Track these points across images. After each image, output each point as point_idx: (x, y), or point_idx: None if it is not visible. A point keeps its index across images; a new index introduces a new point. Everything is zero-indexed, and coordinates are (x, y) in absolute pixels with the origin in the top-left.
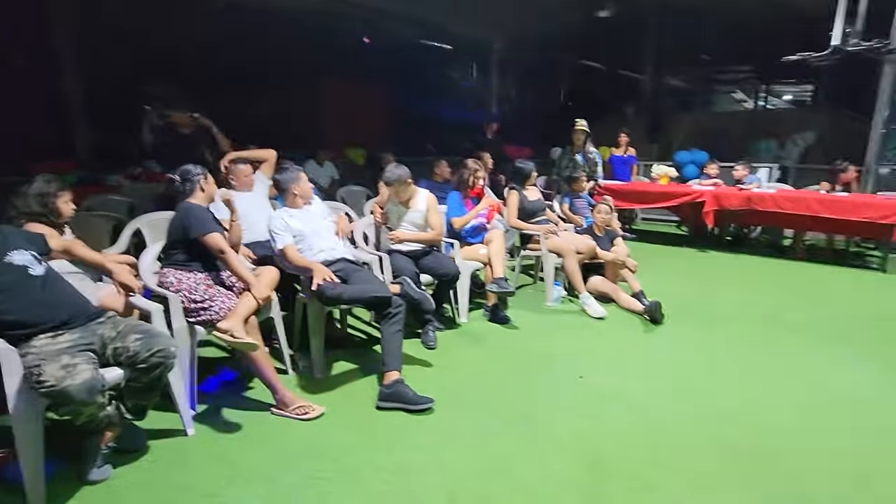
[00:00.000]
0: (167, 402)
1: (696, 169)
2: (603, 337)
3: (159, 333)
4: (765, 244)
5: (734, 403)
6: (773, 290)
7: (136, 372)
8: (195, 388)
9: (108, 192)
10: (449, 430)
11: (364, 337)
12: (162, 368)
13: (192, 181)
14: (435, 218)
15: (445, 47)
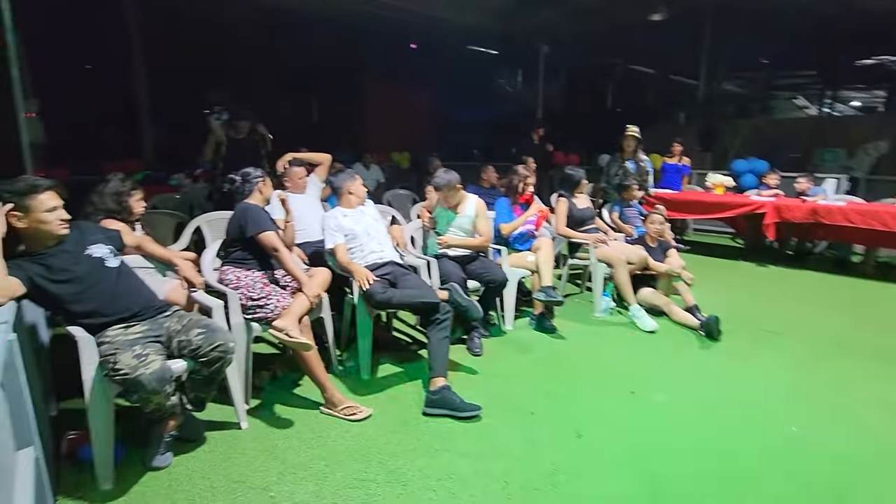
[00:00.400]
0: (223, 396)
1: (754, 179)
2: (655, 351)
3: (220, 328)
4: (831, 260)
5: (799, 430)
6: (841, 310)
7: (198, 364)
8: (249, 384)
9: (172, 191)
10: (497, 440)
11: (409, 340)
12: (221, 362)
13: (251, 183)
14: (483, 224)
15: (492, 52)
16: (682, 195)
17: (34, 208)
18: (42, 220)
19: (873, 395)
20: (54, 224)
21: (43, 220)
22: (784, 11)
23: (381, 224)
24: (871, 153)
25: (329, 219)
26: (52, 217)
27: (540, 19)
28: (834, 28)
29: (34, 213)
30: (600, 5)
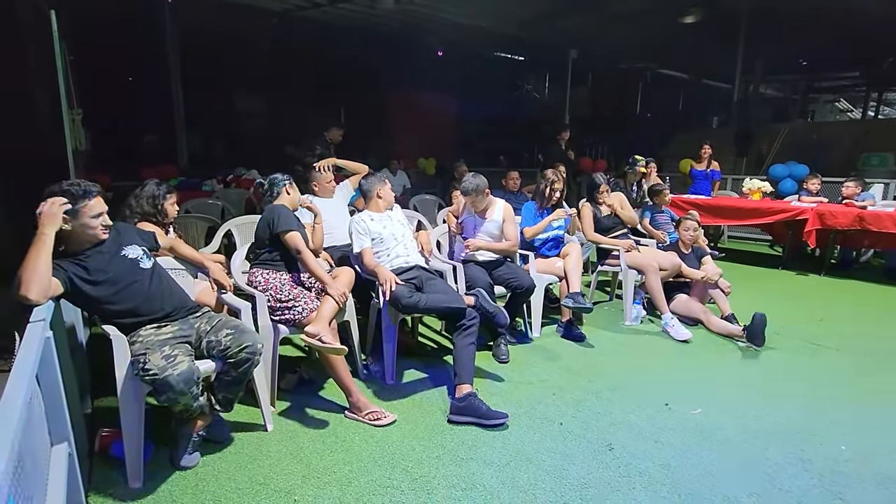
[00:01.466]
0: (250, 398)
1: (793, 184)
2: (689, 362)
3: (248, 330)
4: (879, 269)
5: (848, 449)
6: (889, 321)
7: (227, 365)
8: (275, 386)
9: (205, 196)
10: (524, 450)
11: (434, 346)
12: (249, 363)
13: (278, 185)
14: (511, 229)
15: (518, 58)
16: (716, 201)
17: (83, 213)
18: (88, 224)
19: None
20: (98, 229)
21: (89, 225)
22: (824, 11)
23: (408, 229)
24: None
25: (357, 222)
26: (97, 222)
27: (569, 25)
28: (878, 27)
29: (83, 217)
30: (631, 11)
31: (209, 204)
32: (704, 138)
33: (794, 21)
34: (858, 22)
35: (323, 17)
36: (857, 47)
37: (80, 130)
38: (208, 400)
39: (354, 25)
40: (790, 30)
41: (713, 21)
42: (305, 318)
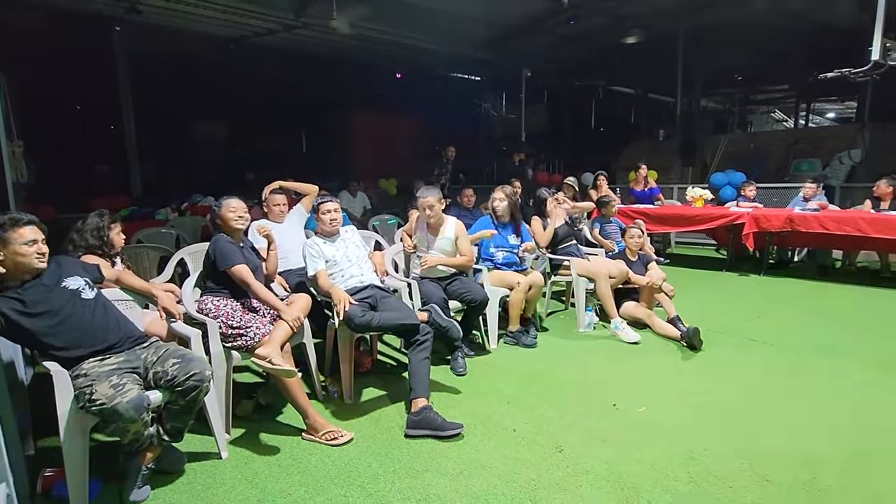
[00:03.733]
0: (203, 426)
1: (733, 191)
2: (637, 363)
3: (196, 357)
4: (811, 267)
5: (776, 434)
6: (821, 316)
7: (174, 394)
8: (230, 414)
9: (158, 225)
10: (478, 458)
11: (393, 363)
12: (197, 391)
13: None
14: (464, 244)
15: (475, 78)
16: (662, 209)
17: (13, 241)
18: (20, 252)
19: (850, 399)
20: (32, 257)
21: (21, 253)
22: (754, 29)
23: (363, 250)
24: (845, 162)
25: (309, 246)
26: (30, 250)
27: (521, 46)
28: (803, 44)
29: (13, 245)
30: (580, 32)
31: (162, 233)
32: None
33: (725, 38)
34: (784, 40)
35: (281, 43)
36: (785, 62)
37: (22, 163)
38: (157, 431)
39: (313, 50)
40: (724, 47)
41: (653, 41)
42: (258, 342)
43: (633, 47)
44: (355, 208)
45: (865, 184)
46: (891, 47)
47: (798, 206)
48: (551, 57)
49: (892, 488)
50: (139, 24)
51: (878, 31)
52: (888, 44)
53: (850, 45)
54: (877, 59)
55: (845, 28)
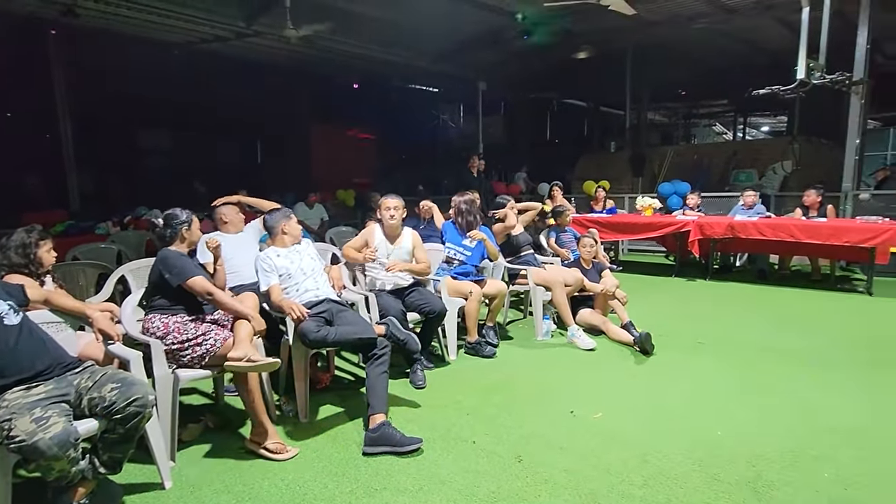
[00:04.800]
0: (144, 455)
1: (679, 200)
2: (593, 370)
3: (137, 381)
4: (751, 271)
5: (724, 434)
6: (762, 317)
7: (112, 422)
8: (175, 439)
9: (97, 240)
10: (438, 473)
11: (352, 379)
12: (139, 418)
13: (173, 227)
14: (421, 254)
15: (433, 90)
16: (614, 218)
17: None
18: None
19: (790, 397)
20: None
21: None
22: (694, 48)
23: (319, 262)
24: (778, 172)
25: (262, 260)
26: None
27: (479, 59)
28: (739, 62)
29: None
30: (533, 47)
31: (102, 249)
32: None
33: (669, 56)
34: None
35: (233, 51)
36: (723, 79)
37: None
38: (91, 463)
39: (267, 60)
40: (668, 63)
41: (603, 57)
42: (221, 347)
43: (585, 62)
44: (312, 220)
45: (797, 193)
46: (814, 67)
47: (739, 214)
48: (506, 70)
49: (830, 482)
50: (77, 28)
51: (802, 52)
52: (811, 64)
53: (779, 64)
54: (802, 78)
55: (775, 49)
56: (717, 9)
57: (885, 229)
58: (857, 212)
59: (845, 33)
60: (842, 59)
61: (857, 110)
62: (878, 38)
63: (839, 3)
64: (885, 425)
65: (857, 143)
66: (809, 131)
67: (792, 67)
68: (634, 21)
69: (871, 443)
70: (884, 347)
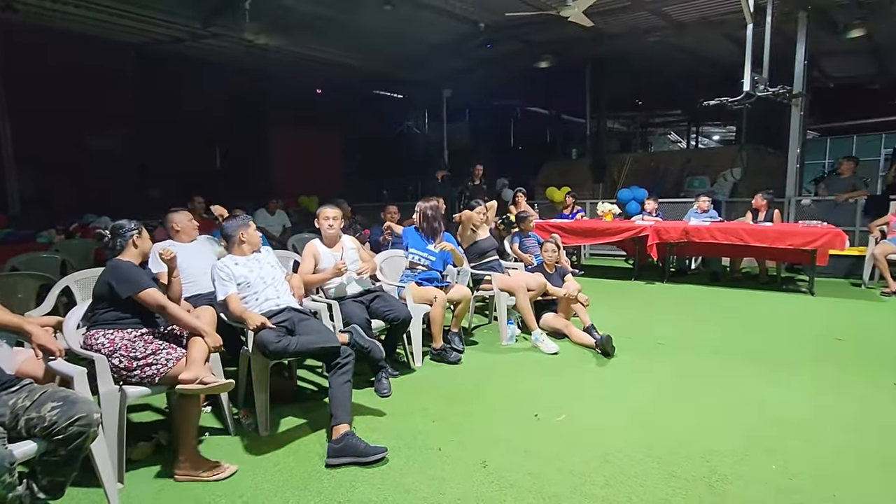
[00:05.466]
0: (90, 476)
1: (637, 205)
2: (557, 373)
3: (81, 399)
4: (705, 274)
5: (681, 431)
6: (715, 317)
7: (53, 444)
8: (123, 460)
9: (40, 249)
10: (403, 482)
11: (315, 389)
12: (83, 438)
13: (123, 237)
14: (365, 253)
15: (397, 96)
16: (575, 223)
17: None
18: None
19: (741, 393)
20: None
21: None
22: (649, 60)
23: (279, 271)
24: (728, 179)
25: (219, 268)
26: None
27: (443, 66)
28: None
29: None
30: (496, 55)
31: (44, 258)
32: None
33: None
34: (675, 71)
35: (189, 52)
36: (677, 90)
37: None
38: (29, 488)
39: (226, 62)
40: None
41: (563, 66)
42: (173, 368)
43: (547, 72)
44: (273, 227)
45: (746, 199)
46: (758, 80)
47: (693, 219)
48: (471, 78)
49: (778, 473)
50: (16, 24)
51: (747, 66)
52: (756, 77)
53: (728, 77)
54: (748, 90)
55: (724, 63)
56: (670, 23)
57: (825, 233)
58: (799, 216)
59: (786, 50)
60: (783, 73)
61: (798, 121)
62: (815, 55)
63: (779, 21)
64: (826, 417)
65: (797, 152)
66: (756, 140)
67: (739, 80)
68: (593, 33)
69: (814, 434)
70: (824, 344)
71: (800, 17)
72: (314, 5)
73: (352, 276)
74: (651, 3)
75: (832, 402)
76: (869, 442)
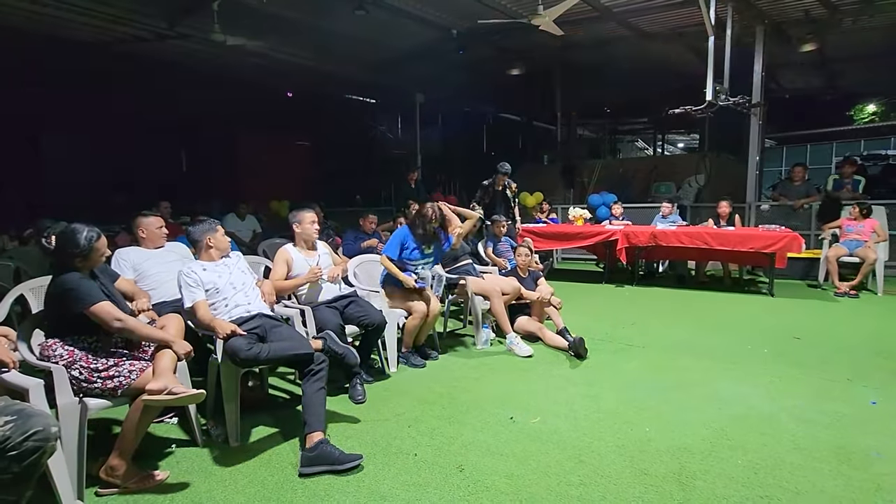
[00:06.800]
0: (47, 495)
1: (607, 210)
2: (531, 376)
3: (36, 412)
4: (672, 277)
5: (652, 429)
6: (681, 319)
7: (6, 461)
8: (83, 475)
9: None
10: (379, 489)
11: (287, 397)
12: (40, 453)
13: (68, 252)
14: (337, 256)
15: (370, 101)
16: (548, 228)
17: None
18: None
19: (707, 391)
20: None
21: None
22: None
23: (250, 276)
24: (693, 185)
25: (185, 275)
26: None
27: (416, 71)
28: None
29: None
30: (468, 61)
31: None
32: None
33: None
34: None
35: (154, 53)
36: (643, 98)
37: None
38: None
39: (193, 64)
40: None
41: (534, 73)
42: (136, 379)
43: (518, 79)
44: (243, 232)
45: (709, 204)
46: (720, 90)
47: (659, 223)
48: (444, 83)
49: (743, 468)
50: None
51: (709, 76)
52: (718, 87)
53: (691, 87)
54: (710, 100)
55: (687, 73)
56: (636, 34)
57: (783, 236)
58: (759, 221)
59: (745, 62)
60: (743, 84)
61: (756, 130)
62: (771, 67)
63: (738, 35)
64: (785, 412)
65: (757, 160)
66: (718, 148)
67: (702, 90)
68: (563, 41)
69: (774, 429)
70: (784, 342)
71: (757, 30)
72: (285, 8)
73: (325, 281)
74: (619, 15)
75: (791, 397)
76: (824, 435)
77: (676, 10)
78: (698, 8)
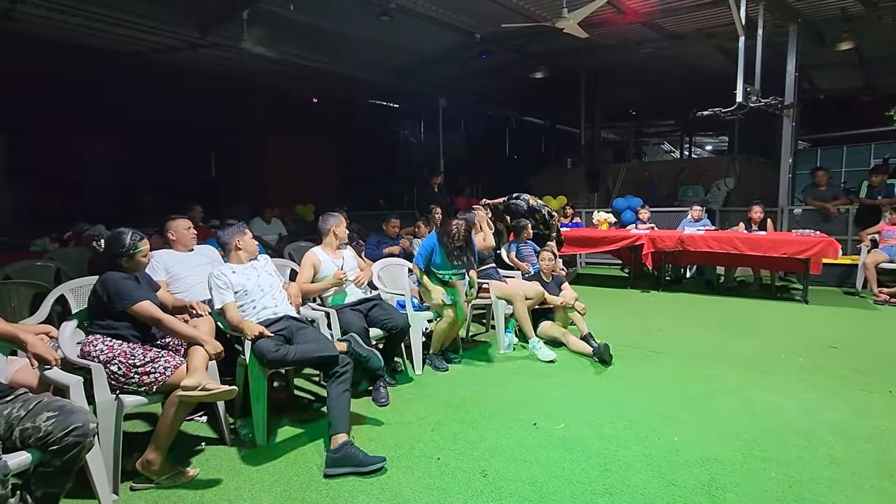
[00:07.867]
0: (84, 488)
1: (632, 214)
2: (555, 381)
3: (76, 409)
4: (700, 283)
5: (679, 440)
6: (710, 325)
7: (48, 455)
8: (119, 470)
9: (33, 257)
10: (402, 492)
11: (312, 398)
12: (79, 448)
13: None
14: (361, 260)
15: (393, 106)
16: (572, 232)
17: None
18: None
19: (738, 400)
20: None
21: None
22: (642, 72)
23: (277, 279)
24: (722, 188)
25: (216, 277)
26: None
27: (439, 76)
28: (684, 85)
29: None
30: (492, 66)
31: (38, 267)
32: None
33: (619, 78)
34: (668, 81)
35: (186, 62)
36: (670, 101)
37: None
38: (22, 499)
39: (223, 72)
40: (619, 85)
41: (558, 76)
42: (171, 376)
43: (542, 82)
44: (269, 236)
45: (739, 208)
46: (750, 91)
47: (687, 227)
48: (467, 87)
49: (777, 481)
50: (11, 33)
51: (740, 77)
52: (748, 88)
53: (721, 88)
54: (740, 101)
55: (717, 74)
56: (663, 35)
57: (818, 242)
58: (792, 226)
59: (777, 62)
60: (775, 85)
61: (789, 132)
62: (805, 67)
63: (770, 34)
64: (822, 424)
65: (790, 163)
66: (748, 150)
67: (731, 91)
68: (587, 44)
69: (810, 442)
70: (819, 351)
71: (790, 30)
72: (311, 16)
73: (351, 285)
74: (645, 16)
75: (828, 409)
76: (864, 449)
77: (705, 11)
78: (728, 8)
